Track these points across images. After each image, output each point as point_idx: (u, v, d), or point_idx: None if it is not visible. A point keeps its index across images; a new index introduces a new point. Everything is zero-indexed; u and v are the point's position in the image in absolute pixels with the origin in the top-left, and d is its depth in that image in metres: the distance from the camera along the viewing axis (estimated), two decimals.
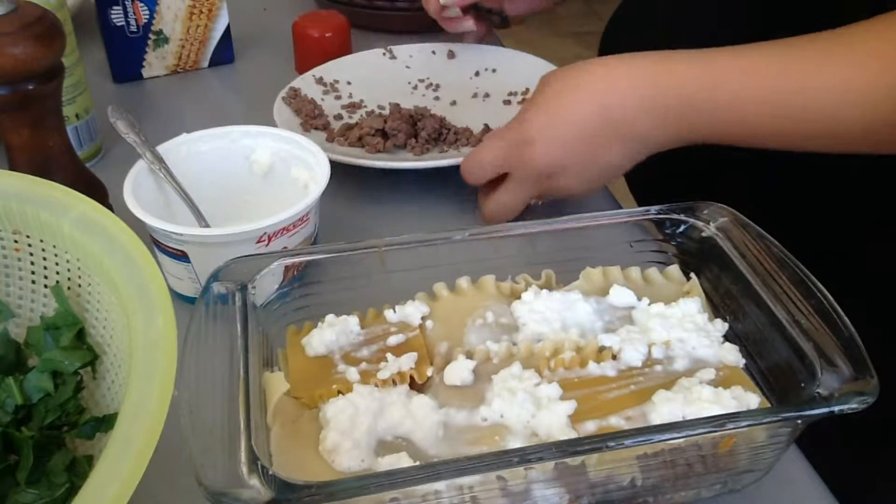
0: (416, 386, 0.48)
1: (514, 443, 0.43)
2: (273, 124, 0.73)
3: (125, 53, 0.89)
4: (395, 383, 0.47)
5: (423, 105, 0.81)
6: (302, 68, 0.93)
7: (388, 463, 0.42)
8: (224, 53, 0.94)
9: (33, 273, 0.48)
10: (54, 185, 0.47)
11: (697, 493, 0.47)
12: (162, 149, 0.64)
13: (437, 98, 0.86)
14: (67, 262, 0.46)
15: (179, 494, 0.47)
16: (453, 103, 0.84)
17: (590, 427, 0.44)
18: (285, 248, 0.59)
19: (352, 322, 0.50)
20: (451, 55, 0.91)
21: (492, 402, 0.45)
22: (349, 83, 0.87)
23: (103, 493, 0.31)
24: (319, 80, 0.86)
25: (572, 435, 0.43)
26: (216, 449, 0.39)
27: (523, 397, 0.44)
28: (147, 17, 0.88)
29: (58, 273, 0.47)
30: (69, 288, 0.47)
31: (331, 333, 0.49)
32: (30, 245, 0.47)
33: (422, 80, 0.88)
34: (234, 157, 0.67)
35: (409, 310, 0.51)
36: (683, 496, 0.47)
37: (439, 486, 0.40)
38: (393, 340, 0.50)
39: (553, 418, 0.44)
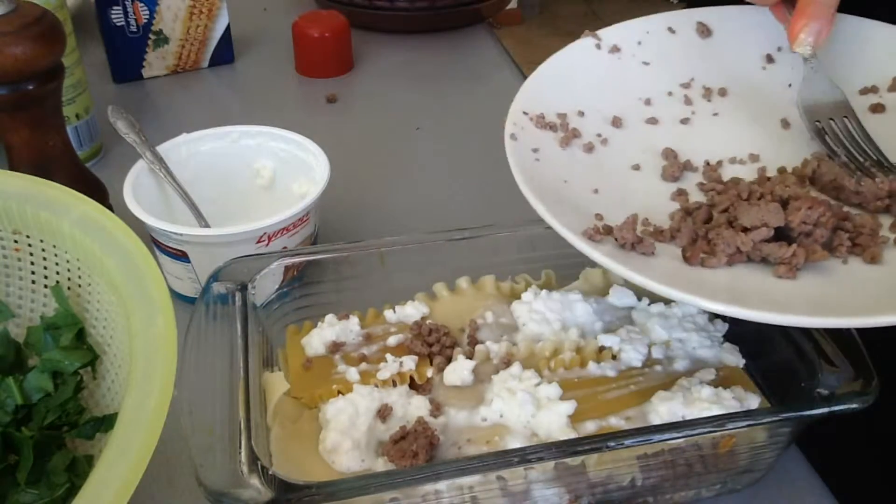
0: (416, 386, 0.48)
1: (514, 443, 0.43)
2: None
3: (125, 53, 0.89)
4: (394, 383, 0.47)
5: (697, 127, 0.51)
6: (302, 68, 0.94)
7: (388, 463, 0.43)
8: (224, 53, 0.94)
9: (33, 273, 0.48)
10: (54, 185, 0.47)
11: (697, 493, 0.47)
12: (162, 149, 0.64)
13: (715, 114, 0.52)
14: (67, 262, 0.46)
15: (179, 494, 0.47)
16: (784, 124, 0.50)
17: (590, 427, 0.44)
18: (285, 248, 0.59)
19: (352, 322, 0.50)
20: (705, 32, 0.54)
21: (492, 402, 0.45)
22: (581, 113, 0.52)
23: (103, 493, 0.31)
24: (541, 120, 0.51)
25: (572, 435, 0.43)
26: (216, 449, 0.39)
27: (523, 397, 0.44)
28: (147, 17, 0.88)
29: (58, 273, 0.47)
30: (69, 288, 0.47)
31: (331, 333, 0.49)
32: (30, 245, 0.47)
33: (685, 84, 0.54)
34: (234, 157, 0.67)
35: (409, 310, 0.51)
36: (683, 496, 0.47)
37: (439, 486, 0.40)
38: (393, 340, 0.50)
39: (553, 418, 0.44)
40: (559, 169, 0.47)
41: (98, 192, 0.66)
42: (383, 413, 0.45)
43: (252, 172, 0.68)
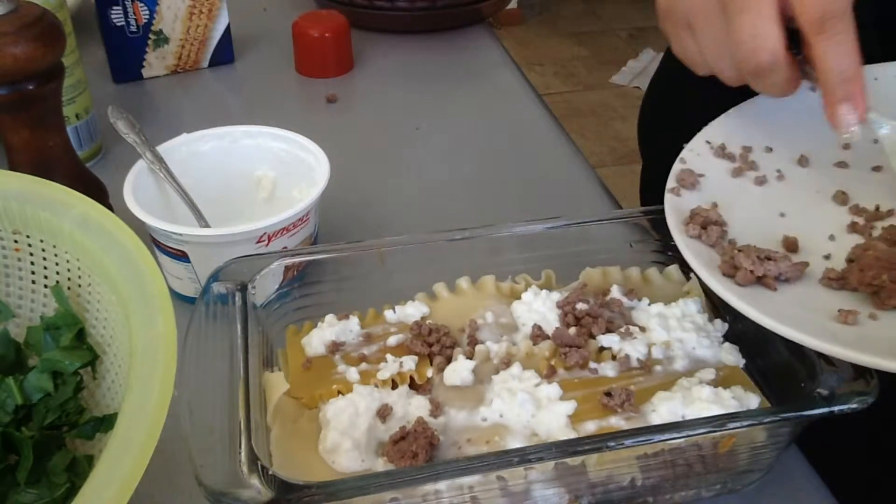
0: (416, 386, 0.48)
1: (514, 443, 0.43)
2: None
3: (125, 53, 0.89)
4: (394, 383, 0.47)
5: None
6: (302, 68, 0.94)
7: (388, 463, 0.43)
8: (224, 53, 0.94)
9: (33, 273, 0.48)
10: (54, 185, 0.47)
11: (697, 493, 0.47)
12: (162, 149, 0.64)
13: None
14: (67, 262, 0.46)
15: (179, 494, 0.47)
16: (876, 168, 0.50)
17: (590, 427, 0.44)
18: (285, 248, 0.59)
19: (352, 322, 0.50)
20: None
21: (492, 402, 0.45)
22: (769, 149, 0.53)
23: (103, 493, 0.31)
24: (721, 150, 0.52)
25: (572, 435, 0.43)
26: (216, 449, 0.39)
27: (523, 397, 0.44)
28: (147, 17, 0.88)
29: (58, 273, 0.47)
30: (69, 288, 0.47)
31: (331, 333, 0.49)
32: (30, 245, 0.47)
33: None
34: (234, 157, 0.67)
35: (409, 310, 0.51)
36: (683, 496, 0.47)
37: (439, 486, 0.40)
38: (393, 340, 0.50)
39: (553, 418, 0.44)
40: (717, 194, 0.48)
41: (98, 192, 0.66)
42: (383, 413, 0.45)
43: (253, 182, 0.68)
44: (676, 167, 0.51)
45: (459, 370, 0.47)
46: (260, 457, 0.39)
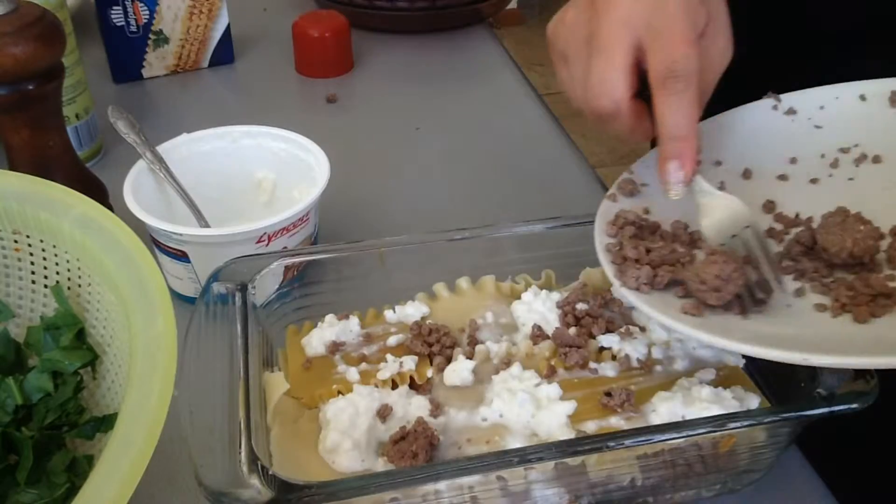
0: (416, 386, 0.48)
1: (514, 443, 0.43)
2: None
3: (125, 53, 0.89)
4: (394, 383, 0.47)
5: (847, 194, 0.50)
6: (302, 68, 0.94)
7: (388, 463, 0.42)
8: (224, 53, 0.94)
9: (33, 273, 0.48)
10: (54, 185, 0.47)
11: (697, 493, 0.47)
12: (162, 149, 0.64)
13: (850, 179, 0.52)
14: (67, 262, 0.46)
15: (179, 494, 0.47)
16: None
17: (590, 427, 0.44)
18: (285, 248, 0.59)
19: (352, 322, 0.50)
20: None
21: (492, 402, 0.45)
22: (718, 163, 0.54)
23: (103, 493, 0.31)
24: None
25: (572, 435, 0.43)
26: (216, 449, 0.39)
27: (523, 397, 0.44)
28: (147, 17, 0.88)
29: (58, 273, 0.47)
30: (69, 288, 0.47)
31: (331, 333, 0.49)
32: (30, 245, 0.47)
33: (845, 149, 0.53)
34: (234, 157, 0.67)
35: (409, 310, 0.51)
36: (683, 496, 0.47)
37: (439, 486, 0.40)
38: (393, 340, 0.50)
39: (553, 418, 0.44)
40: (654, 201, 0.50)
41: (98, 192, 0.66)
42: (383, 413, 0.45)
43: (253, 183, 0.68)
44: (622, 176, 0.53)
45: (459, 370, 0.47)
46: (260, 457, 0.39)
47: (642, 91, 0.46)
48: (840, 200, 0.49)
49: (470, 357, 0.48)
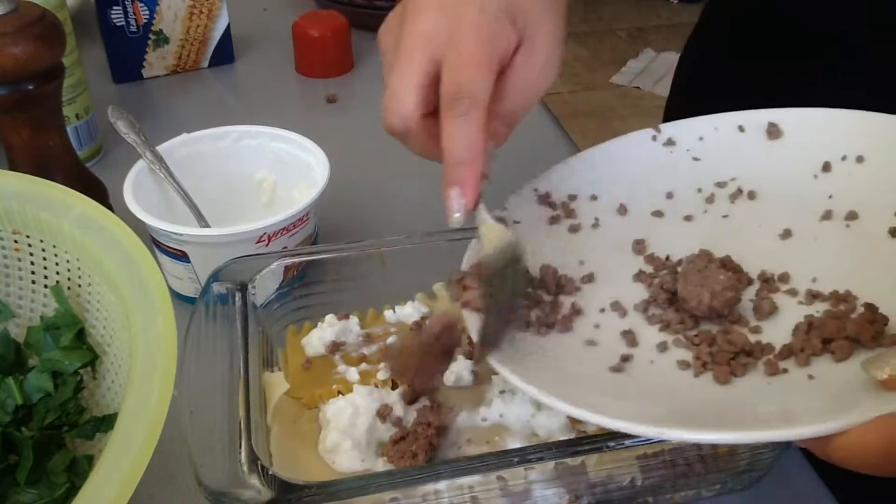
0: None
1: (514, 443, 0.43)
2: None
3: (125, 53, 0.89)
4: (394, 383, 0.47)
5: (721, 235, 0.48)
6: (302, 68, 0.94)
7: (388, 463, 0.42)
8: (224, 53, 0.94)
9: (33, 273, 0.48)
10: (54, 185, 0.47)
11: (697, 493, 0.47)
12: (162, 149, 0.64)
13: (725, 216, 0.49)
14: (67, 262, 0.46)
15: (179, 494, 0.47)
16: (786, 234, 0.47)
17: (590, 427, 0.44)
18: (285, 248, 0.60)
19: (352, 322, 0.50)
20: (775, 133, 0.50)
21: (492, 402, 0.45)
22: (594, 197, 0.51)
23: (103, 493, 0.31)
24: (545, 198, 0.52)
25: (572, 435, 0.43)
26: (216, 449, 0.39)
27: (523, 397, 0.44)
28: (147, 17, 0.88)
29: (58, 273, 0.47)
30: (69, 288, 0.47)
31: (331, 333, 0.49)
32: (30, 245, 0.48)
33: (721, 183, 0.50)
34: (234, 157, 0.67)
35: (409, 310, 0.51)
36: (683, 496, 0.47)
37: (439, 486, 0.40)
38: (393, 340, 0.49)
39: (553, 418, 0.44)
40: (526, 239, 0.47)
41: (98, 192, 0.66)
42: (383, 413, 0.45)
43: (254, 183, 0.68)
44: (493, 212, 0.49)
45: (459, 370, 0.47)
46: (260, 457, 0.39)
47: None
48: (712, 240, 0.47)
49: (470, 357, 0.48)
